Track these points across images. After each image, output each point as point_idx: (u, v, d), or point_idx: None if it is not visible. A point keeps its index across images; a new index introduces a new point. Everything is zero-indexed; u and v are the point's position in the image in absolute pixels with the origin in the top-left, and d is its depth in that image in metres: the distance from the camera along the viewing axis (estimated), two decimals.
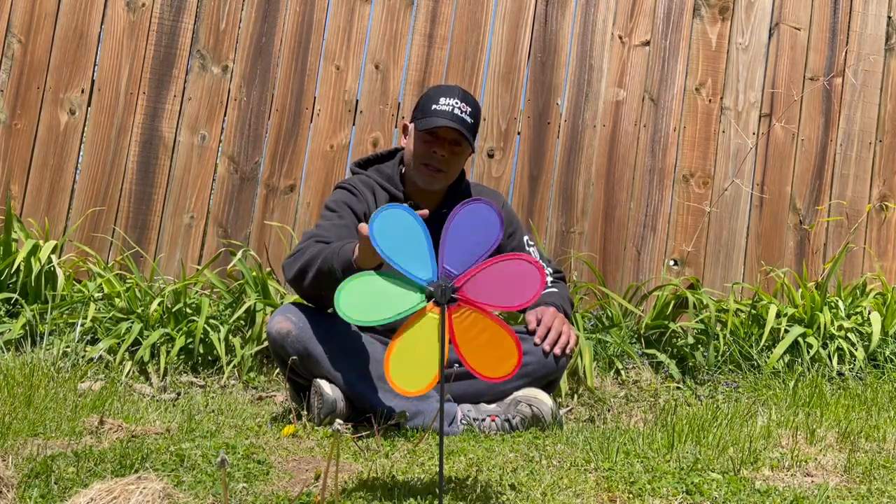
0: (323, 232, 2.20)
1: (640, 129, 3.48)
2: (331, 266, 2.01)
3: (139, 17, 3.41)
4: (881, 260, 3.48)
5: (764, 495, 1.54)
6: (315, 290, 2.10)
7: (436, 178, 2.30)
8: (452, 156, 2.30)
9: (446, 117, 2.25)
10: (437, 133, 2.28)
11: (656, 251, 3.43)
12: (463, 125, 2.26)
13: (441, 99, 2.28)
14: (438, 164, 2.29)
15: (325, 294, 2.06)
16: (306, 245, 2.15)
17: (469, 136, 2.27)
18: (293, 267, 2.13)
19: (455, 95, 2.29)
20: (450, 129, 2.26)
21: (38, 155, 3.34)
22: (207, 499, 1.43)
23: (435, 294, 1.44)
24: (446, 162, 2.30)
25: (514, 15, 3.49)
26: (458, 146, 2.30)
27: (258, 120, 3.40)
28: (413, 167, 2.32)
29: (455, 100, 2.27)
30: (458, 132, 2.25)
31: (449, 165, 2.31)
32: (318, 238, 2.17)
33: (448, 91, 2.31)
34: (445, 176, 2.32)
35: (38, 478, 1.48)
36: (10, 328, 2.81)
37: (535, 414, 2.13)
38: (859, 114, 3.55)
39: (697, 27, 3.53)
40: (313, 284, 2.08)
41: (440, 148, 2.28)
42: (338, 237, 2.17)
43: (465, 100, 2.29)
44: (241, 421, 2.20)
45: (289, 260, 2.17)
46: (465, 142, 2.28)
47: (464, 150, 2.32)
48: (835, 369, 2.91)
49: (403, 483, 1.52)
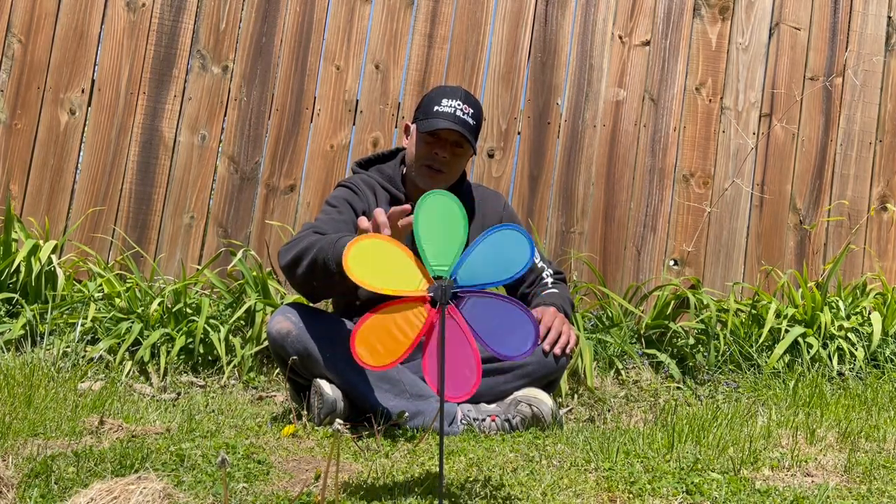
0: (322, 225, 2.20)
1: (641, 129, 3.48)
2: (325, 257, 1.99)
3: (139, 17, 3.41)
4: (881, 260, 3.48)
5: (764, 495, 1.54)
6: (307, 279, 2.07)
7: (437, 178, 2.31)
8: (454, 157, 2.31)
9: (448, 119, 2.25)
10: (438, 134, 2.28)
11: (656, 251, 3.43)
12: (465, 127, 2.26)
13: (444, 100, 2.28)
14: (440, 166, 2.30)
15: (316, 284, 2.06)
16: (304, 234, 2.13)
17: (471, 137, 2.28)
18: (288, 254, 2.11)
19: (458, 97, 2.29)
20: (452, 131, 2.26)
21: (38, 155, 3.34)
22: (207, 499, 1.43)
23: (435, 293, 1.43)
24: (447, 163, 2.30)
25: (514, 15, 3.49)
26: (459, 148, 2.30)
27: (258, 120, 3.40)
28: (414, 168, 2.33)
29: (458, 101, 2.28)
30: (460, 134, 2.26)
31: (450, 167, 2.31)
32: (316, 229, 2.16)
33: (451, 92, 2.31)
34: (446, 177, 2.32)
35: (38, 478, 1.48)
36: (10, 328, 2.81)
37: (535, 414, 2.13)
38: (859, 114, 3.55)
39: (697, 27, 3.53)
40: (306, 273, 2.06)
41: (442, 149, 2.28)
42: (336, 230, 2.17)
43: (467, 101, 2.30)
44: (241, 421, 2.20)
45: (285, 247, 2.15)
46: (467, 143, 2.29)
47: (465, 152, 2.32)
48: (835, 369, 2.91)
49: (403, 483, 1.52)
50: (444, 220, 1.45)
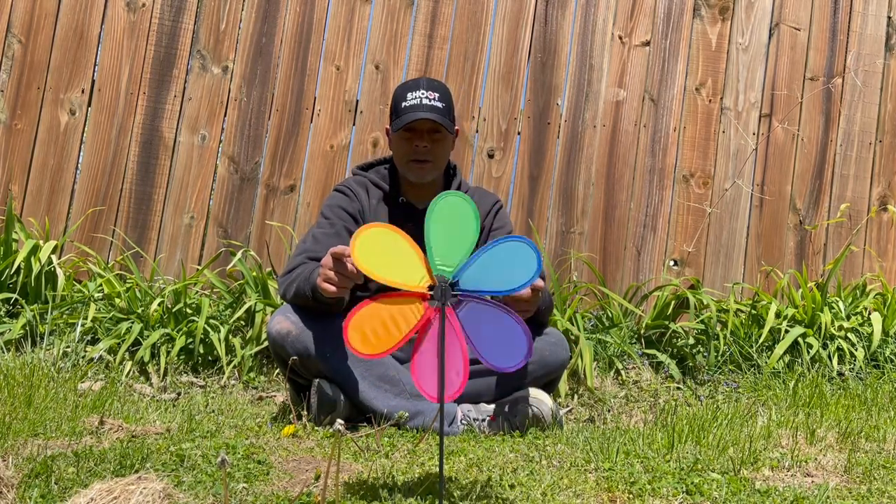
0: (313, 246, 2.26)
1: (640, 129, 3.48)
2: (304, 291, 2.10)
3: (139, 17, 3.41)
4: (881, 260, 3.48)
5: (764, 495, 1.54)
6: (304, 305, 2.16)
7: (425, 168, 2.33)
8: (434, 143, 2.32)
9: (416, 110, 2.27)
10: (413, 128, 2.29)
11: (656, 251, 3.43)
12: (434, 111, 2.27)
13: (408, 94, 2.30)
14: (423, 156, 2.32)
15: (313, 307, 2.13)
16: (296, 263, 2.23)
17: (444, 120, 2.28)
18: (282, 287, 2.24)
19: (419, 87, 2.31)
20: (424, 121, 2.27)
21: (38, 155, 3.34)
22: (207, 499, 1.43)
23: (435, 294, 1.43)
24: (430, 151, 2.32)
25: (514, 15, 3.49)
26: (437, 133, 2.31)
27: (258, 120, 3.40)
28: (403, 166, 2.35)
29: (420, 91, 2.30)
30: (431, 121, 2.26)
31: (434, 154, 2.33)
32: (309, 254, 2.24)
33: (412, 85, 2.33)
34: (434, 165, 2.34)
35: (39, 478, 1.48)
36: (10, 328, 2.81)
37: (535, 414, 2.13)
38: (859, 114, 3.55)
39: (697, 27, 3.53)
40: (299, 302, 2.16)
41: (420, 140, 2.31)
42: (327, 248, 2.21)
43: (430, 87, 2.31)
44: (241, 421, 2.20)
45: (282, 279, 2.26)
46: (442, 127, 2.29)
47: (444, 136, 2.33)
48: (835, 369, 2.91)
49: (403, 483, 1.52)
50: (455, 222, 1.45)
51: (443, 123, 2.28)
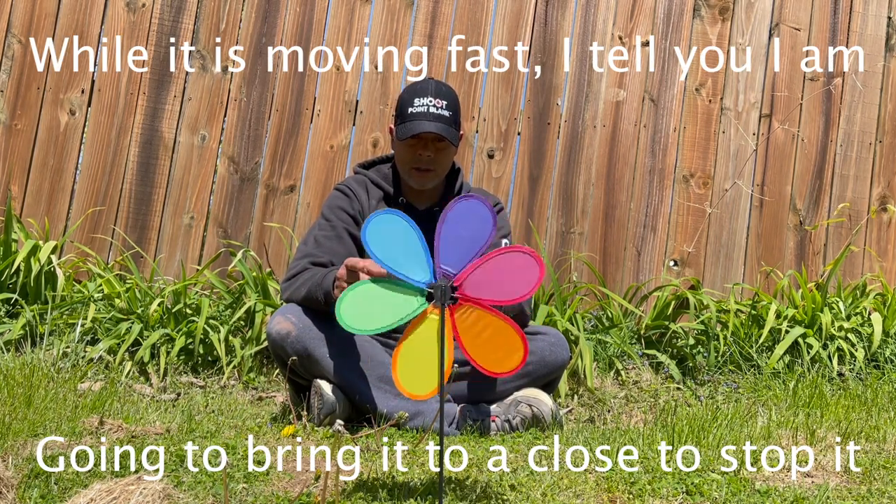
0: (315, 250, 2.26)
1: (640, 130, 3.48)
2: (316, 296, 2.12)
3: (139, 17, 3.41)
4: (881, 260, 3.48)
5: (764, 496, 1.54)
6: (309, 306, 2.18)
7: (426, 177, 2.32)
8: (438, 153, 2.30)
9: (423, 119, 2.24)
10: (418, 137, 2.28)
11: (656, 251, 3.43)
12: (442, 122, 2.25)
13: (416, 100, 2.27)
14: (426, 165, 2.30)
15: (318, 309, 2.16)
16: (300, 268, 2.23)
17: (450, 132, 2.26)
18: (286, 292, 2.24)
19: (428, 93, 2.27)
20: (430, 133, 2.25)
21: (38, 155, 3.34)
22: (207, 499, 1.43)
23: (434, 295, 1.44)
24: (434, 161, 2.30)
25: (514, 15, 3.49)
26: (441, 142, 2.29)
27: (258, 120, 3.40)
28: (405, 172, 2.34)
29: (428, 98, 2.26)
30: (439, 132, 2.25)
31: (437, 163, 2.31)
32: (312, 258, 2.24)
33: (421, 90, 2.29)
34: (436, 173, 2.33)
35: (38, 478, 1.47)
36: (10, 328, 2.81)
37: (535, 414, 2.13)
38: (859, 114, 3.55)
39: (697, 27, 3.53)
40: (306, 304, 2.18)
41: (424, 149, 2.28)
42: (329, 251, 2.25)
43: (438, 94, 2.28)
44: (241, 421, 2.20)
45: (285, 284, 2.26)
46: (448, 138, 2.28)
47: (448, 146, 2.31)
48: (835, 370, 2.91)
49: (403, 483, 1.52)
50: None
51: (448, 136, 2.26)
